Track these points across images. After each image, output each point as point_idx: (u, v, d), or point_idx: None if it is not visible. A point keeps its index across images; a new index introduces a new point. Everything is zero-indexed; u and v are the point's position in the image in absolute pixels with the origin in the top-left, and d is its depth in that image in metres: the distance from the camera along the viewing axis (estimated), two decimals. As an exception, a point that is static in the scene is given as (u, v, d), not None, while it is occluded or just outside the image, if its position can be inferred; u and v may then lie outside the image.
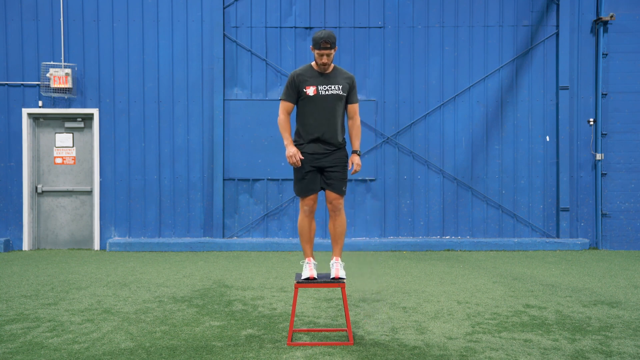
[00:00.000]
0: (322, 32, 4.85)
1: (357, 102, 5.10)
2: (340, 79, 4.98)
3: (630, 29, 10.75)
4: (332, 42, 4.82)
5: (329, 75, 4.96)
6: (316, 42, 4.83)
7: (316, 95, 4.92)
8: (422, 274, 8.02)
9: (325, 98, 4.92)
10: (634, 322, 5.41)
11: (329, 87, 4.93)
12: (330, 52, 4.84)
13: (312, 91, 4.92)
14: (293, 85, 4.97)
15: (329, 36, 4.82)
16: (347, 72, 5.08)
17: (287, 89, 5.00)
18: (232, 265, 8.73)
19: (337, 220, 5.00)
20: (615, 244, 10.72)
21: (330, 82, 4.94)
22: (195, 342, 4.75)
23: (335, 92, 4.93)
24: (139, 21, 10.69)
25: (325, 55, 4.84)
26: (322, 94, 4.92)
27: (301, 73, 4.98)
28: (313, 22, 10.73)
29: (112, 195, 10.66)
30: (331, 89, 4.93)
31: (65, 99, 10.60)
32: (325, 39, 4.80)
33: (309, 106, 4.94)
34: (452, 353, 4.49)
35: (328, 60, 4.87)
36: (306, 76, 4.96)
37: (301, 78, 4.95)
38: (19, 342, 4.75)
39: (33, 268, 8.50)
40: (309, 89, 4.92)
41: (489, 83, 10.81)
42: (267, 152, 10.70)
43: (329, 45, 4.81)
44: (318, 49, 4.83)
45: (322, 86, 4.93)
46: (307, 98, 4.94)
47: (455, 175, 10.76)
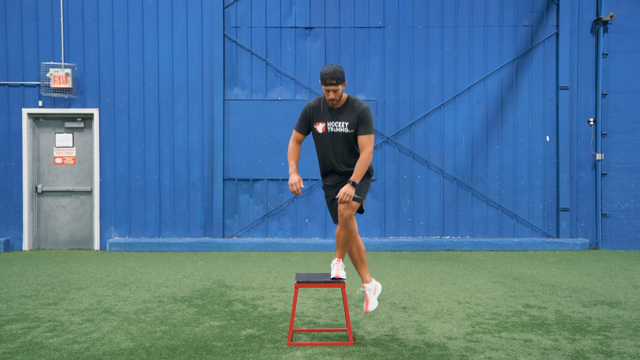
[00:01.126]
0: (328, 68, 4.74)
1: (366, 134, 4.78)
2: (349, 114, 4.83)
3: (630, 29, 10.75)
4: (338, 77, 4.69)
5: (339, 110, 4.85)
6: (322, 78, 4.73)
7: (325, 132, 4.87)
8: (422, 274, 8.02)
9: (332, 135, 4.85)
10: (634, 322, 5.41)
11: (337, 124, 4.84)
12: (337, 87, 4.72)
13: (321, 128, 4.88)
14: (305, 118, 4.95)
15: (335, 72, 4.69)
16: (361, 103, 4.86)
17: (300, 119, 4.98)
18: (232, 265, 8.74)
19: (342, 230, 4.83)
20: (615, 244, 10.72)
21: (339, 118, 4.84)
22: (195, 342, 4.75)
23: (341, 131, 4.83)
24: (139, 21, 10.69)
25: (332, 91, 4.73)
26: (330, 131, 4.86)
27: (314, 106, 4.92)
28: (313, 22, 10.73)
29: (112, 195, 10.66)
30: (338, 127, 4.84)
31: (65, 99, 10.60)
32: (331, 75, 4.68)
33: (319, 142, 4.93)
34: (452, 353, 4.50)
35: (335, 96, 4.76)
36: (318, 111, 4.90)
37: (313, 112, 4.91)
38: (19, 342, 4.75)
39: (33, 268, 8.50)
40: (319, 125, 4.89)
41: (489, 83, 10.81)
42: (267, 152, 10.70)
43: (335, 81, 4.69)
44: (324, 84, 4.73)
45: (331, 122, 4.85)
46: (317, 134, 4.93)
47: (455, 175, 10.76)
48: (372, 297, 4.99)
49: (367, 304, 4.98)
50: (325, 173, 5.02)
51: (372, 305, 4.96)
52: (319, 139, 4.92)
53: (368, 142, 4.79)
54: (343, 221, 4.77)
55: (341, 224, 4.79)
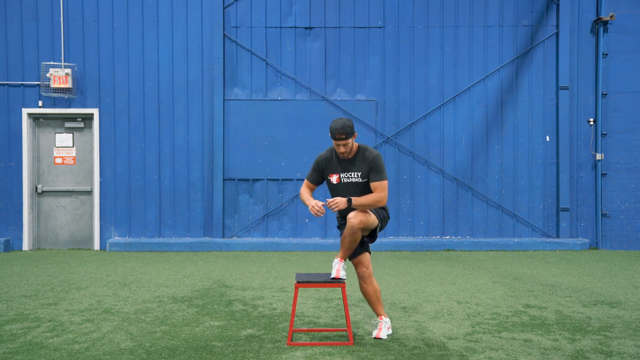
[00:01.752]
0: (337, 123, 4.78)
1: (379, 180, 4.83)
2: (360, 164, 4.89)
3: (630, 29, 10.75)
4: (347, 132, 4.74)
5: (350, 161, 4.91)
6: (332, 133, 4.79)
7: (339, 183, 4.93)
8: (422, 274, 8.02)
9: (346, 185, 4.91)
10: (634, 322, 5.41)
11: (350, 174, 4.90)
12: (347, 141, 4.77)
13: (336, 179, 4.94)
14: (318, 169, 5.02)
15: (344, 127, 4.73)
16: (372, 151, 4.91)
17: (312, 170, 5.05)
18: (232, 265, 8.74)
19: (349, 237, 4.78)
20: (615, 244, 10.72)
21: (351, 169, 4.90)
22: (195, 342, 4.75)
23: (355, 180, 4.89)
24: (139, 21, 10.69)
25: (342, 145, 4.79)
26: (344, 182, 4.93)
27: (326, 158, 4.98)
28: (313, 22, 10.73)
29: (112, 195, 10.66)
30: (352, 177, 4.90)
31: (65, 99, 10.60)
32: (340, 130, 4.73)
33: (334, 191, 4.99)
34: (452, 353, 4.50)
35: (345, 149, 4.82)
36: (330, 162, 4.96)
37: (326, 164, 4.98)
38: (19, 342, 4.75)
39: (33, 268, 8.50)
40: (332, 177, 4.95)
41: (489, 83, 10.81)
42: (267, 152, 10.70)
43: (344, 136, 4.74)
44: (334, 139, 4.79)
45: (344, 174, 4.92)
46: (331, 185, 4.98)
47: (455, 175, 10.76)
48: (385, 330, 4.98)
49: (380, 331, 4.95)
50: (341, 223, 5.08)
51: (383, 334, 4.93)
52: (334, 189, 5.00)
53: (380, 188, 4.83)
54: (350, 228, 4.75)
55: (348, 230, 4.77)
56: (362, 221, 4.70)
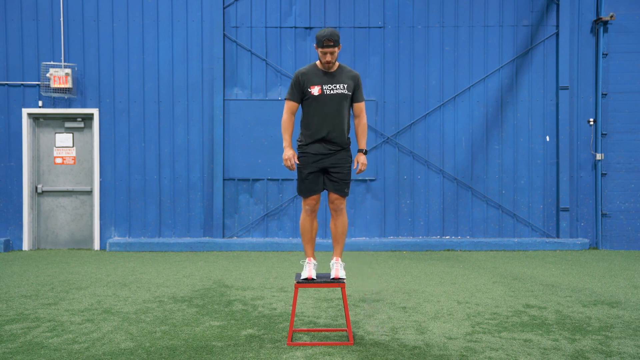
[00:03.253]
0: (325, 30, 4.80)
1: (363, 101, 5.03)
2: (345, 77, 4.92)
3: (630, 29, 10.75)
4: (335, 39, 4.77)
5: (333, 73, 4.91)
6: (319, 40, 4.78)
7: (321, 94, 4.87)
8: (422, 274, 8.02)
9: (330, 97, 4.87)
10: (634, 322, 5.41)
11: (334, 86, 4.87)
12: (334, 50, 4.79)
13: (317, 91, 4.87)
14: (298, 85, 4.93)
15: (332, 34, 4.77)
16: (352, 70, 5.01)
17: (291, 88, 4.96)
18: (232, 265, 8.74)
19: (338, 220, 4.98)
20: (615, 244, 10.72)
21: (335, 81, 4.89)
22: (195, 342, 4.75)
23: (341, 92, 4.88)
24: (139, 21, 10.69)
25: (329, 53, 4.79)
26: (327, 94, 4.87)
27: (306, 72, 4.93)
28: (313, 22, 10.73)
29: (112, 195, 10.66)
30: (336, 88, 4.87)
31: (65, 99, 10.60)
32: (329, 37, 4.75)
33: (314, 106, 4.89)
34: (452, 353, 4.49)
35: (332, 58, 4.81)
36: (311, 75, 4.90)
37: (306, 77, 4.90)
38: (19, 342, 4.75)
39: (33, 268, 8.50)
40: (314, 88, 4.87)
41: (489, 83, 10.81)
42: (267, 152, 10.70)
43: (332, 43, 4.76)
44: (321, 47, 4.78)
45: (327, 85, 4.87)
46: (311, 97, 4.89)
47: (455, 175, 10.76)
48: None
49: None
50: (312, 140, 4.94)
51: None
52: (314, 102, 4.89)
53: (363, 110, 5.08)
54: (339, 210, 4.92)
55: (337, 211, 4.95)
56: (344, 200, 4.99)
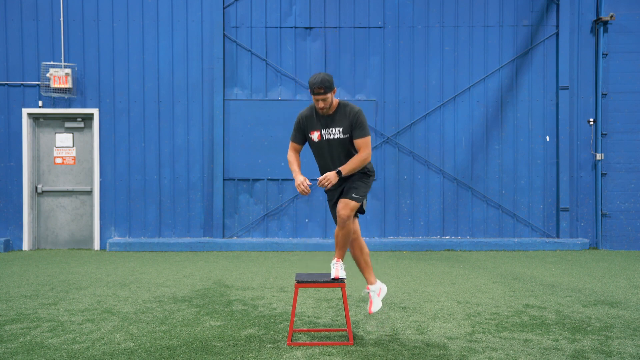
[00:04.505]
0: (316, 77, 4.71)
1: (363, 137, 4.79)
2: (342, 119, 4.83)
3: (630, 29, 10.75)
4: (326, 86, 4.67)
5: (331, 117, 4.86)
6: (310, 87, 4.73)
7: (320, 140, 4.89)
8: (422, 274, 8.02)
9: (328, 142, 4.86)
10: (634, 322, 5.41)
11: (331, 130, 4.85)
12: (326, 96, 4.71)
13: (317, 137, 4.90)
14: (299, 128, 4.97)
15: (322, 80, 4.67)
16: (353, 107, 4.85)
17: (294, 130, 5.00)
18: (232, 265, 8.74)
19: (341, 230, 4.82)
20: (615, 244, 10.72)
21: (332, 125, 4.84)
22: (195, 342, 4.75)
23: (336, 137, 4.84)
24: (139, 21, 10.69)
25: (321, 100, 4.73)
26: (325, 139, 4.88)
27: (307, 116, 4.93)
28: (313, 22, 10.73)
29: (112, 195, 10.66)
30: (333, 133, 4.85)
31: (65, 99, 10.60)
32: (319, 85, 4.67)
33: (316, 149, 4.95)
34: (452, 353, 4.50)
35: (325, 104, 4.75)
36: (311, 120, 4.91)
37: (306, 122, 4.93)
38: (19, 342, 4.75)
39: (33, 268, 8.50)
40: (314, 134, 4.91)
41: (489, 83, 10.81)
42: (267, 152, 10.70)
43: (323, 90, 4.68)
44: (313, 94, 4.73)
45: (325, 130, 4.86)
46: (313, 143, 4.94)
47: (455, 175, 10.76)
48: (377, 298, 4.99)
49: (371, 305, 4.97)
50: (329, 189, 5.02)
51: (375, 306, 4.95)
52: (316, 147, 4.95)
53: (364, 145, 4.80)
54: (341, 222, 4.76)
55: (339, 224, 4.79)
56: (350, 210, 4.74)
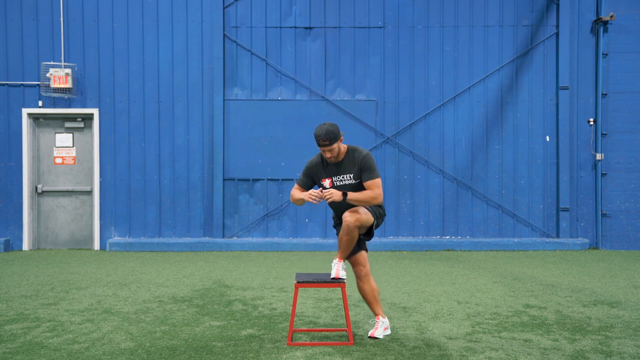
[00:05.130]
0: (320, 129, 4.73)
1: (372, 179, 4.81)
2: (350, 166, 4.87)
3: (630, 29, 10.75)
4: (331, 137, 4.70)
5: (340, 164, 4.90)
6: (316, 139, 4.76)
7: (332, 187, 4.91)
8: (422, 274, 8.02)
9: (340, 189, 4.89)
10: (634, 322, 5.41)
11: (342, 177, 4.89)
12: (332, 147, 4.74)
13: (328, 183, 4.93)
14: (309, 175, 5.00)
15: (327, 133, 4.69)
16: (361, 151, 4.89)
17: (303, 175, 5.01)
18: (232, 265, 8.74)
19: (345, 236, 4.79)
20: (615, 244, 10.72)
21: (342, 172, 4.90)
22: (195, 342, 4.75)
23: (348, 182, 4.88)
24: (139, 21, 10.69)
25: (327, 151, 4.77)
26: (337, 185, 4.91)
27: (317, 163, 4.97)
28: (313, 22, 10.73)
29: (112, 195, 10.66)
30: (344, 179, 4.89)
31: (65, 99, 10.60)
32: (323, 137, 4.70)
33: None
34: (452, 353, 4.49)
35: (332, 154, 4.80)
36: (321, 167, 4.95)
37: (317, 169, 4.96)
38: (19, 342, 4.75)
39: (33, 268, 8.50)
40: (325, 181, 4.94)
41: (489, 83, 10.81)
42: (267, 152, 10.70)
43: (328, 142, 4.71)
44: (319, 145, 4.77)
45: (336, 177, 4.91)
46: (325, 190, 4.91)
47: (455, 175, 10.76)
48: (382, 330, 4.96)
49: (375, 330, 4.93)
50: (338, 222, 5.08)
51: (378, 333, 4.92)
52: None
53: (375, 185, 4.81)
54: (346, 227, 4.74)
55: (344, 230, 4.77)
56: (357, 219, 4.70)
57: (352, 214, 4.73)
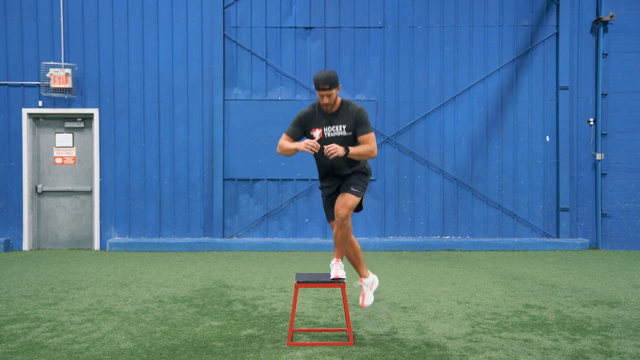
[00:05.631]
0: (321, 73, 4.73)
1: (367, 133, 4.81)
2: (345, 117, 4.83)
3: (630, 29, 10.75)
4: (331, 82, 4.69)
5: (334, 114, 4.85)
6: (315, 83, 4.73)
7: (322, 138, 4.86)
8: (422, 274, 8.02)
9: (330, 140, 4.83)
10: (634, 322, 5.42)
11: (334, 128, 4.83)
12: (331, 92, 4.71)
13: (318, 134, 4.87)
14: (299, 124, 4.93)
15: (328, 77, 4.69)
16: (355, 105, 4.87)
17: (292, 125, 4.94)
18: (232, 265, 8.74)
19: (340, 229, 4.84)
20: (615, 244, 10.72)
21: (335, 122, 4.83)
22: (195, 342, 4.75)
23: (339, 134, 4.83)
24: (139, 21, 10.69)
25: (326, 96, 4.73)
26: (327, 136, 4.85)
27: (308, 113, 4.91)
28: (313, 22, 10.73)
29: (112, 195, 10.66)
30: (336, 131, 4.83)
31: (65, 99, 10.60)
32: (324, 80, 4.68)
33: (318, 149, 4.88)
34: (452, 353, 4.50)
35: (329, 100, 4.75)
36: (312, 117, 4.88)
37: (308, 119, 4.90)
38: (19, 342, 4.75)
39: (33, 268, 8.50)
40: (315, 131, 4.88)
41: (489, 83, 10.81)
42: (267, 152, 10.69)
43: (328, 86, 4.69)
44: (318, 90, 4.73)
45: (327, 128, 4.85)
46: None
47: (455, 175, 10.76)
48: (369, 292, 5.00)
49: (364, 298, 4.98)
50: (323, 176, 5.01)
51: (368, 300, 4.95)
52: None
53: (370, 139, 4.81)
54: (340, 220, 4.78)
55: (338, 223, 4.80)
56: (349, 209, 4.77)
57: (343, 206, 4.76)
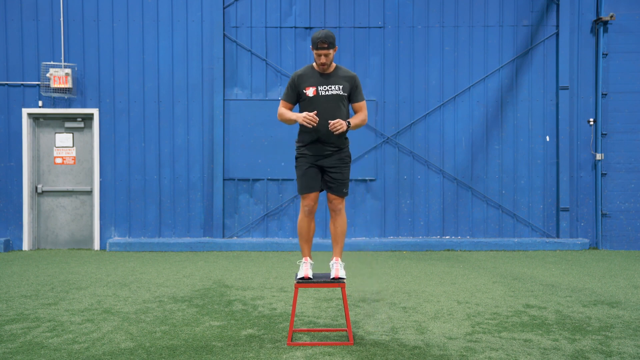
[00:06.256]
0: (320, 32, 4.82)
1: (362, 101, 5.01)
2: (341, 78, 4.93)
3: (630, 29, 10.75)
4: (330, 42, 4.78)
5: (329, 75, 4.92)
6: (314, 42, 4.81)
7: (316, 96, 4.88)
8: (422, 274, 8.02)
9: (325, 98, 4.88)
10: (634, 322, 5.42)
11: (329, 87, 4.89)
12: (329, 52, 4.80)
13: (312, 92, 4.89)
14: (293, 86, 4.97)
15: (327, 36, 4.78)
16: (350, 71, 5.02)
17: (287, 89, 5.01)
18: (232, 265, 8.74)
19: (337, 220, 4.99)
20: (615, 244, 10.72)
21: (331, 82, 4.90)
22: (195, 342, 4.75)
23: (336, 93, 4.89)
24: (139, 21, 10.69)
25: (324, 55, 4.80)
26: (322, 94, 4.88)
27: (302, 74, 4.96)
28: (313, 22, 10.73)
29: (112, 195, 10.66)
30: (331, 89, 4.89)
31: (65, 99, 10.60)
32: (323, 39, 4.76)
33: (309, 107, 4.90)
34: (452, 353, 4.50)
35: (327, 60, 4.82)
36: (306, 77, 4.93)
37: (301, 79, 4.94)
38: (19, 342, 4.75)
39: (33, 268, 8.50)
40: (309, 89, 4.90)
41: (489, 83, 10.81)
42: (267, 152, 10.70)
43: (327, 45, 4.77)
44: (316, 49, 4.80)
45: (322, 86, 4.89)
46: (307, 99, 4.92)
47: (455, 175, 10.76)
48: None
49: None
50: (310, 141, 4.96)
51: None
52: (309, 103, 4.91)
53: (364, 108, 5.04)
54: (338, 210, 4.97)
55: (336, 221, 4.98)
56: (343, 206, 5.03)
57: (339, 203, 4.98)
